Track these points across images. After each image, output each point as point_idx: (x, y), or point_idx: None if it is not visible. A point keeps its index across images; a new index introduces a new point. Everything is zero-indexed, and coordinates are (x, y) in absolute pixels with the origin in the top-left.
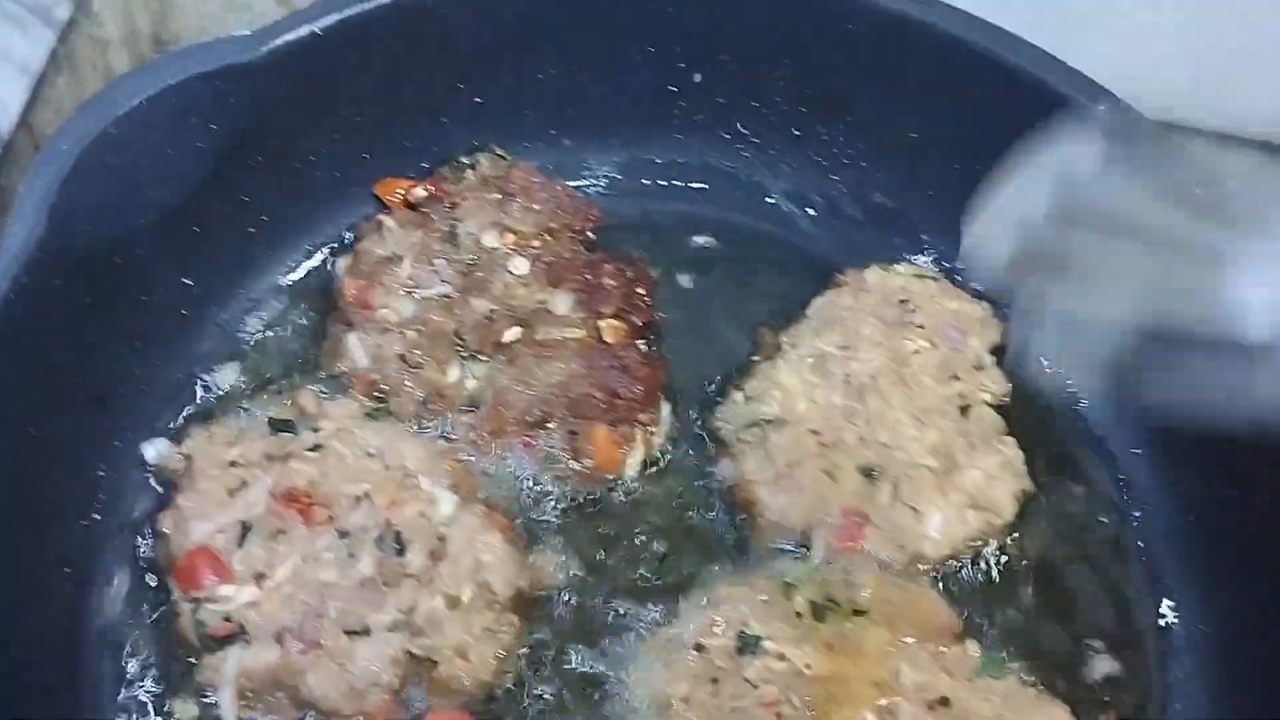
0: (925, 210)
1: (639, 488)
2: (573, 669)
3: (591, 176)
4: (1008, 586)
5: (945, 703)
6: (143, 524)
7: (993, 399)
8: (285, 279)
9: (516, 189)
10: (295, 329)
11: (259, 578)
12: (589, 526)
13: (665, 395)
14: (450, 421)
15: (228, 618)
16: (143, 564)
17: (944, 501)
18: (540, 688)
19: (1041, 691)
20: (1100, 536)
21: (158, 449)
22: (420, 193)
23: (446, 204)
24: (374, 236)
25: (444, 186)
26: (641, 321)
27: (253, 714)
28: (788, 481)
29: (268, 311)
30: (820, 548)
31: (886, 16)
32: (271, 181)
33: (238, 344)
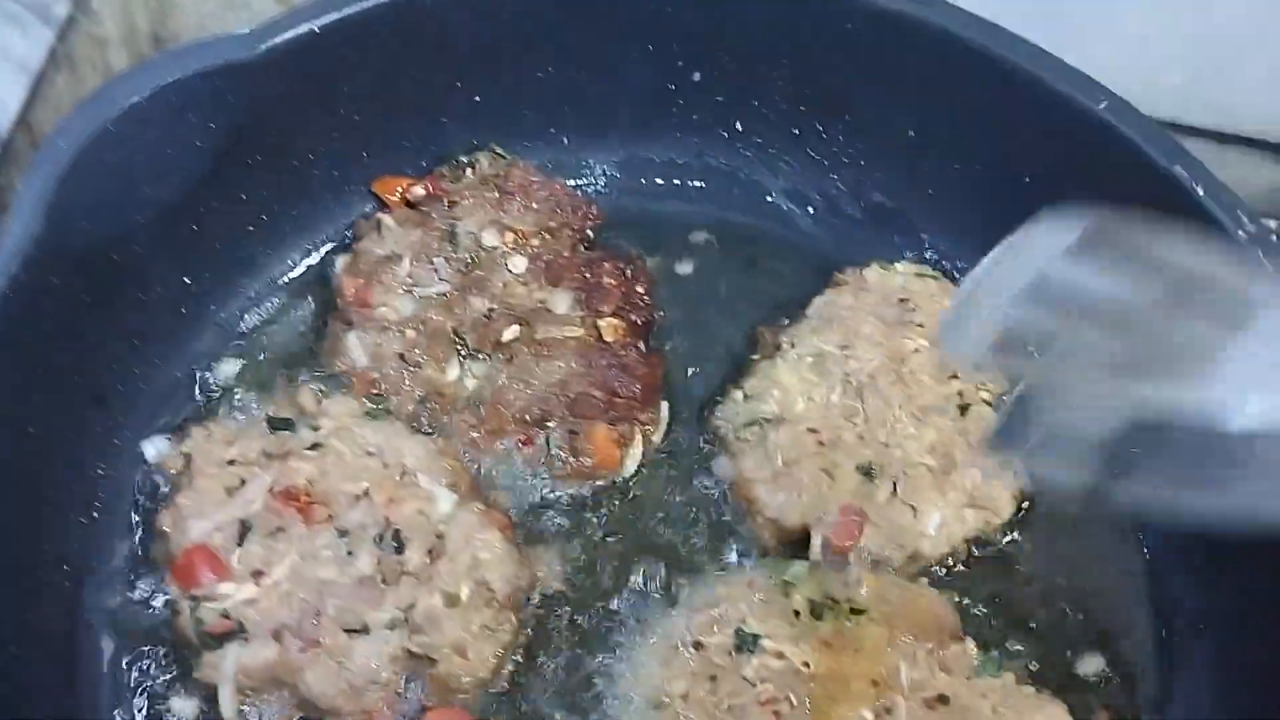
0: (925, 209)
1: (638, 486)
2: (571, 667)
3: (590, 175)
4: (1006, 585)
5: (943, 701)
6: (142, 522)
7: (991, 398)
8: (284, 277)
9: (515, 188)
10: (294, 327)
11: (257, 576)
12: (588, 525)
13: (664, 394)
14: (449, 420)
15: (226, 615)
16: (141, 562)
17: (942, 500)
18: (538, 685)
19: (1039, 690)
20: (1098, 535)
21: (157, 447)
22: (419, 191)
23: (445, 203)
24: (373, 235)
25: (443, 185)
26: (641, 320)
27: (252, 712)
28: (786, 480)
29: (266, 310)
30: (819, 546)
31: (885, 15)
32: (270, 180)
33: (237, 342)
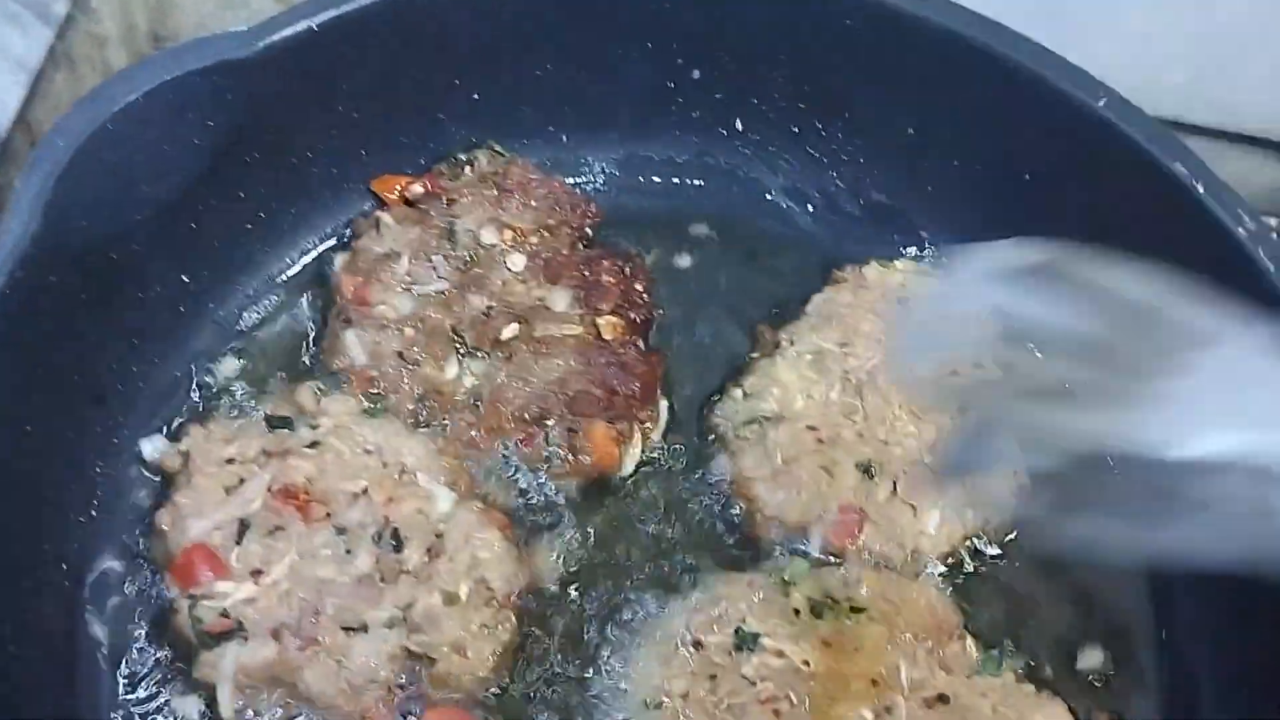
0: (924, 207)
1: (637, 485)
2: (570, 665)
3: (589, 173)
4: (1006, 584)
5: (943, 700)
6: (140, 521)
7: None
8: (283, 275)
9: (514, 185)
10: (293, 326)
11: (256, 574)
12: (586, 524)
13: (663, 392)
14: (448, 418)
15: (225, 614)
16: (140, 561)
17: (943, 499)
18: (538, 684)
19: (1039, 689)
20: None
21: (155, 446)
22: (418, 189)
23: (444, 201)
24: (372, 233)
25: (442, 183)
26: (640, 318)
27: (251, 711)
28: (786, 478)
29: (265, 308)
30: (818, 544)
31: (885, 12)
32: (268, 178)
33: (235, 340)
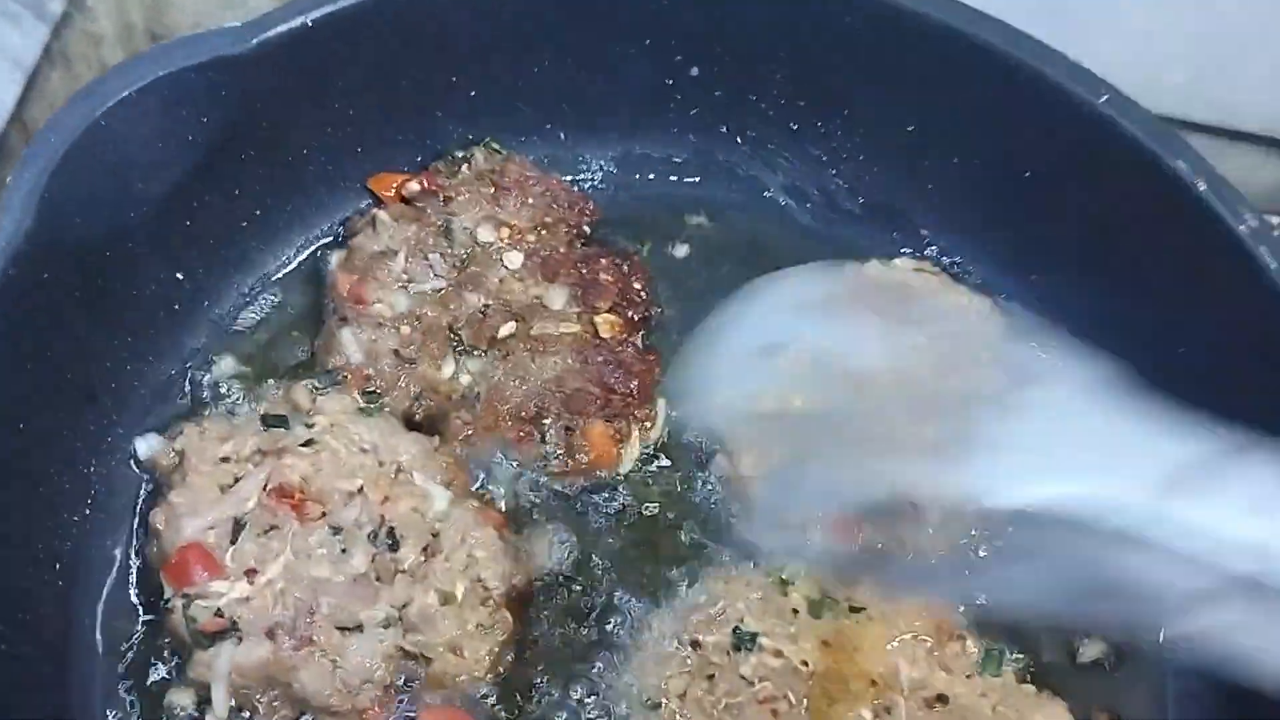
0: (924, 205)
1: (634, 483)
2: (567, 665)
3: (587, 171)
4: None
5: (943, 700)
6: (134, 520)
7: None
8: (278, 273)
9: (511, 183)
10: (288, 324)
11: (251, 574)
12: (584, 523)
13: (661, 390)
14: (444, 417)
15: (219, 614)
16: (134, 560)
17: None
18: (534, 684)
19: (1040, 689)
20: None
21: (149, 444)
22: (414, 187)
23: (441, 198)
24: (368, 231)
25: (438, 180)
26: (638, 316)
27: (246, 710)
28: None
29: (260, 306)
30: (817, 543)
31: (885, 9)
32: (263, 174)
33: (230, 339)
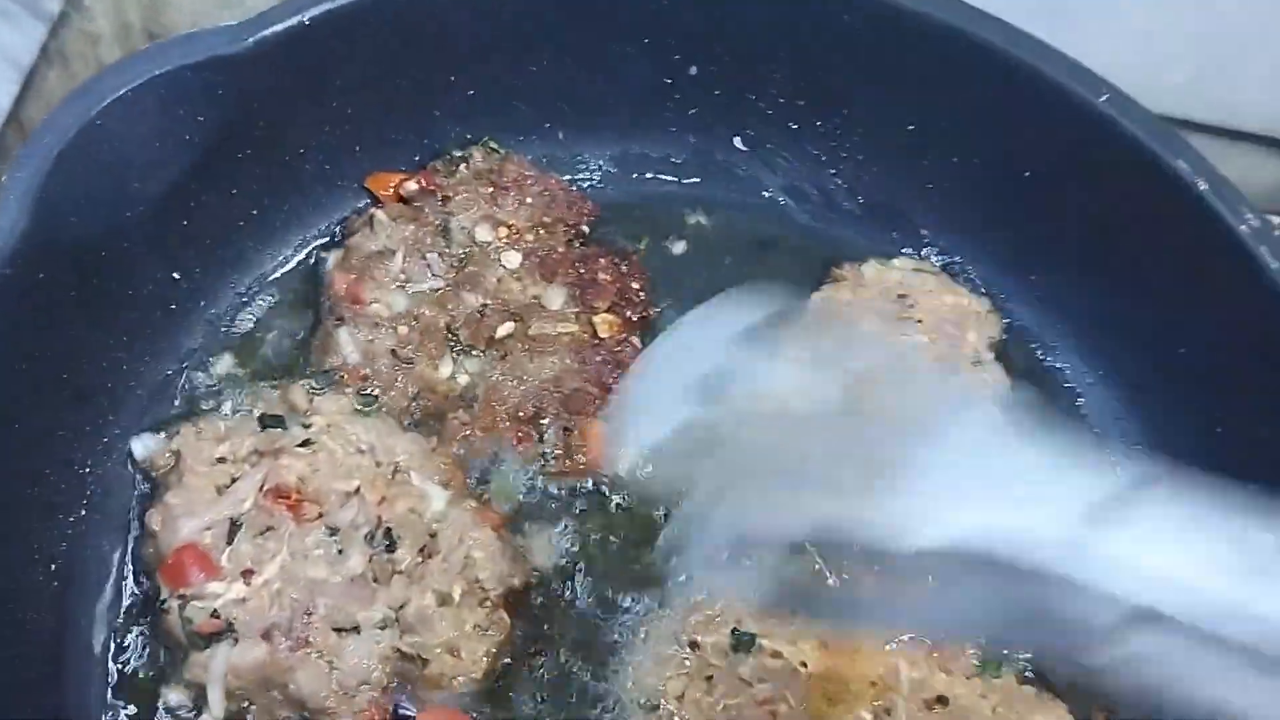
0: (923, 204)
1: (632, 484)
2: (565, 666)
3: (586, 170)
4: None
5: (943, 701)
6: (130, 521)
7: (993, 393)
8: (275, 273)
9: (510, 182)
10: (285, 323)
11: (247, 575)
12: (582, 523)
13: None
14: (442, 417)
15: (215, 615)
16: (130, 561)
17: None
18: (531, 686)
19: (1040, 690)
20: None
21: (146, 445)
22: (412, 186)
23: (439, 198)
24: (365, 230)
25: (436, 180)
26: (636, 316)
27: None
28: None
29: (257, 306)
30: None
31: (884, 8)
32: (260, 174)
33: (227, 338)
